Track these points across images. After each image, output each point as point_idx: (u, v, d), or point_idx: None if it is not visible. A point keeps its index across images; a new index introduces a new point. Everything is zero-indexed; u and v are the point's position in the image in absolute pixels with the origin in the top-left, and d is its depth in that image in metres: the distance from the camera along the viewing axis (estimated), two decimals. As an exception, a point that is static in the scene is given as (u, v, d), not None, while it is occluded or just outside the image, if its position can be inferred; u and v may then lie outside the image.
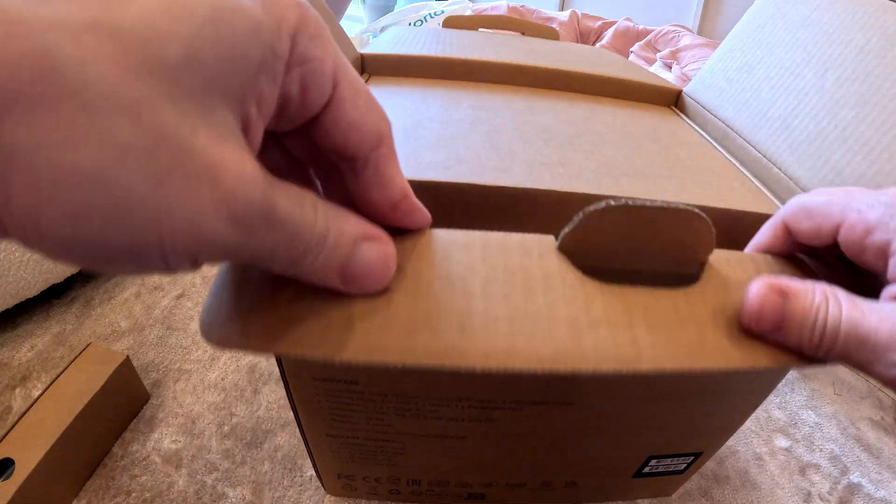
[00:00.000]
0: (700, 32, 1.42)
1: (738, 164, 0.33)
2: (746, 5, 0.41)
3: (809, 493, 0.37)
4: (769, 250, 0.19)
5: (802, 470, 0.39)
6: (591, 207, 0.14)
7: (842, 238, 0.16)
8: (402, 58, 0.39)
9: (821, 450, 0.41)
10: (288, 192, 0.12)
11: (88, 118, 0.08)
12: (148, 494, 0.33)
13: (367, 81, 0.37)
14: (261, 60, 0.11)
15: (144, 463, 0.35)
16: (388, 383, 0.23)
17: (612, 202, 0.14)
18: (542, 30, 0.58)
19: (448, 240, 0.16)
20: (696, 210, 0.15)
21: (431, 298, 0.14)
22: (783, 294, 0.15)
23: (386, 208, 0.15)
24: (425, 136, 0.28)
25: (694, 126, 0.39)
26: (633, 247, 0.16)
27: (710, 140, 0.36)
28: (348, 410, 0.24)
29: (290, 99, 0.12)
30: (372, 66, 0.39)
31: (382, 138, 0.14)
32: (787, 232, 0.18)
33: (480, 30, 0.56)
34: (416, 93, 0.35)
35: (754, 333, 0.15)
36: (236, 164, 0.10)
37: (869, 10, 0.30)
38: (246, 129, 0.11)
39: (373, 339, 0.13)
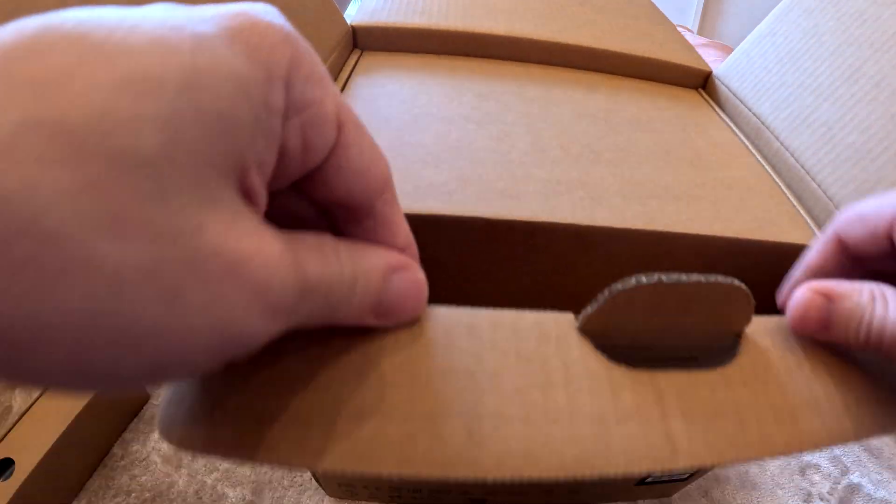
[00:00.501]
0: (700, 32, 1.42)
1: (773, 174, 0.30)
2: (747, 5, 0.38)
3: (809, 494, 0.37)
4: (822, 269, 0.18)
5: (802, 470, 0.39)
6: (619, 286, 0.13)
7: None
8: (399, 30, 0.34)
9: (821, 450, 0.41)
10: (309, 247, 0.11)
11: (57, 253, 0.07)
12: (148, 494, 0.33)
13: (359, 58, 0.33)
14: (254, 121, 0.09)
15: (144, 463, 0.34)
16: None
17: (644, 279, 0.13)
18: None
19: (450, 322, 0.13)
20: (736, 282, 0.14)
21: (432, 396, 0.12)
22: (829, 297, 0.15)
23: None
24: (425, 143, 0.25)
25: (724, 118, 0.35)
26: (665, 325, 0.14)
27: (743, 138, 0.33)
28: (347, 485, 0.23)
29: (291, 152, 0.10)
30: (365, 41, 0.34)
31: (387, 183, 0.12)
32: (840, 246, 0.17)
33: None
34: (414, 78, 0.31)
35: (801, 334, 0.15)
36: (260, 251, 0.09)
37: None
38: (250, 202, 0.10)
39: (363, 445, 0.11)
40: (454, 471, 0.11)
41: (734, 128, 0.34)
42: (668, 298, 0.13)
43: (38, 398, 0.32)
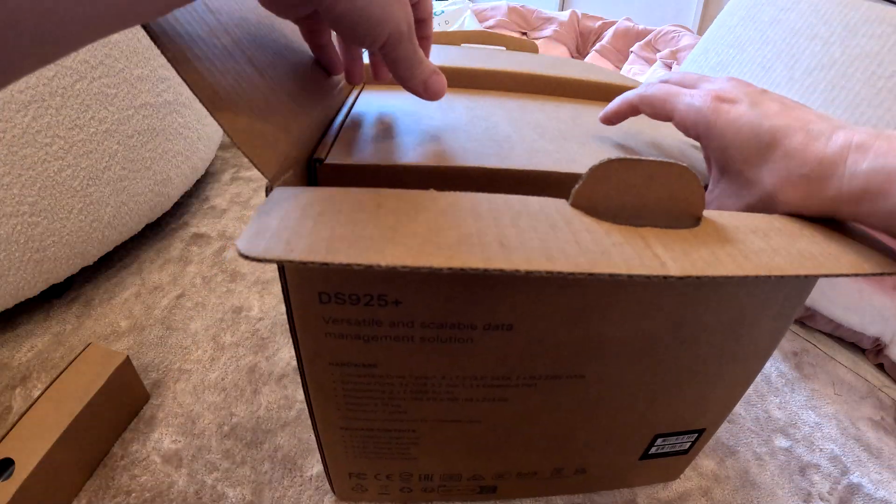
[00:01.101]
0: (700, 32, 1.42)
1: None
2: (746, 5, 0.42)
3: (809, 494, 0.37)
4: (614, 117, 0.30)
5: (802, 470, 0.39)
6: (596, 163, 0.17)
7: (676, 125, 0.26)
8: None
9: (821, 450, 0.41)
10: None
11: None
12: (148, 494, 0.33)
13: (362, 88, 0.38)
14: None
15: (144, 463, 0.35)
16: (406, 363, 0.23)
17: (613, 157, 0.17)
18: (522, 44, 0.61)
19: (471, 194, 0.18)
20: (685, 165, 0.18)
21: (468, 225, 0.16)
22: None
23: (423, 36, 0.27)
24: (427, 131, 0.29)
25: None
26: (636, 201, 0.18)
27: None
28: (364, 398, 0.25)
29: None
30: (367, 75, 0.41)
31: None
32: (635, 109, 0.29)
33: (464, 45, 0.59)
34: (411, 97, 0.37)
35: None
36: None
37: (831, 6, 0.32)
38: None
39: (417, 250, 0.14)
40: (491, 263, 0.14)
41: None
42: (633, 174, 0.18)
43: (38, 398, 0.32)
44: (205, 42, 0.18)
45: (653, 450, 0.32)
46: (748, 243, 0.18)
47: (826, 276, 0.17)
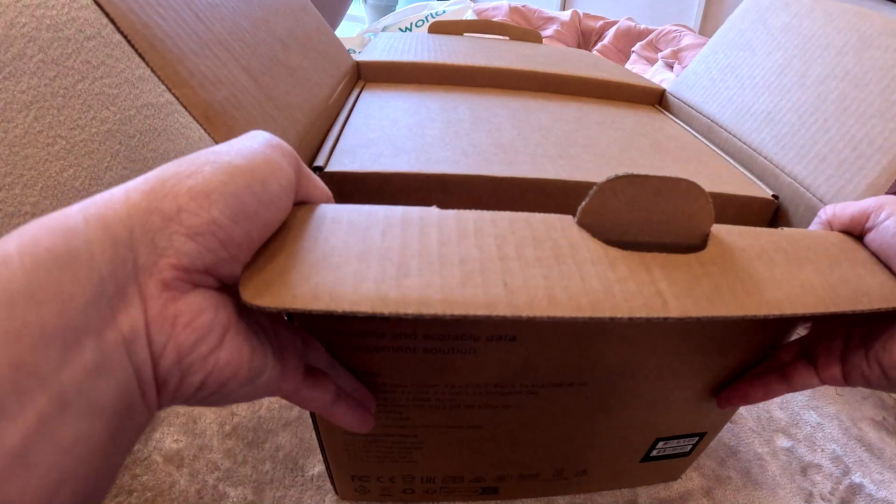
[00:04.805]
0: (702, 32, 1.42)
1: (724, 155, 0.34)
2: (747, 5, 0.42)
3: (811, 494, 0.37)
4: None
5: (804, 470, 0.39)
6: (603, 179, 0.17)
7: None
8: (395, 64, 0.40)
9: (822, 450, 0.41)
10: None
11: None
12: (149, 494, 0.33)
13: (362, 88, 0.38)
14: None
15: (146, 462, 0.35)
16: (408, 373, 0.23)
17: (621, 174, 0.17)
18: (526, 34, 0.61)
19: (475, 215, 0.17)
20: (693, 181, 0.17)
21: (472, 259, 0.16)
22: None
23: None
24: (430, 135, 0.29)
25: (679, 122, 0.40)
26: (643, 217, 0.18)
27: (696, 134, 0.38)
28: None
29: None
30: (367, 74, 0.40)
31: None
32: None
33: (466, 34, 0.58)
34: (413, 97, 0.36)
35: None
36: None
37: (845, 16, 0.33)
38: None
39: (418, 293, 0.14)
40: (496, 310, 0.14)
41: (688, 128, 0.39)
42: (641, 189, 0.17)
43: (40, 398, 0.32)
44: (196, 54, 0.18)
45: (654, 452, 0.32)
46: (752, 272, 0.18)
47: (823, 314, 0.17)
